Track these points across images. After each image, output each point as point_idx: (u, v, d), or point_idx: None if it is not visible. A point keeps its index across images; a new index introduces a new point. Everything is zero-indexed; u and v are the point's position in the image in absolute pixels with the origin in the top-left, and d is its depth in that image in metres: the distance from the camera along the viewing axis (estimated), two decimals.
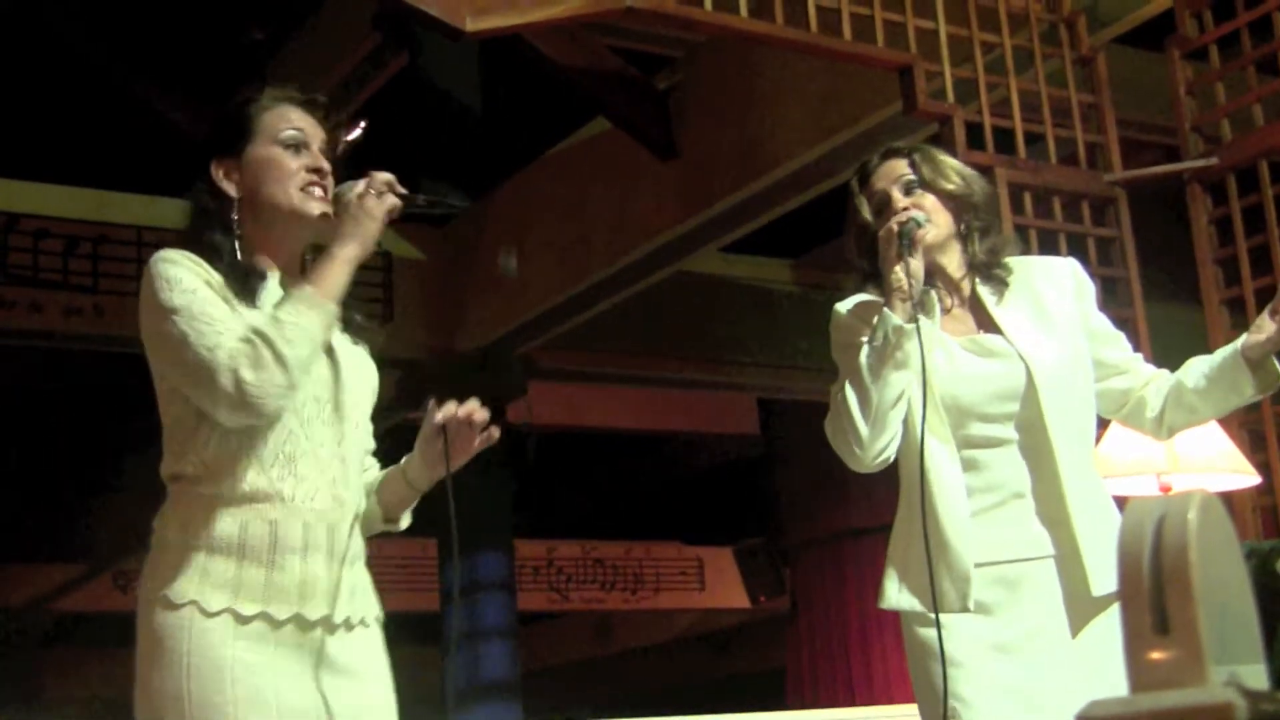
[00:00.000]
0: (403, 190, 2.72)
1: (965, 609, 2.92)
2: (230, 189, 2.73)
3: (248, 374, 2.51)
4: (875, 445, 3.01)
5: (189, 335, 2.55)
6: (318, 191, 2.72)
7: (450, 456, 2.79)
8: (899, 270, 2.97)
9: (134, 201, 9.27)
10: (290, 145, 2.74)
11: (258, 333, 2.53)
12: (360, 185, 2.69)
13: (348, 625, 2.66)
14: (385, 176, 2.69)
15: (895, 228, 2.99)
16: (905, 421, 3.03)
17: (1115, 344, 3.16)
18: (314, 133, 2.77)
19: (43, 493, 13.10)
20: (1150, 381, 3.15)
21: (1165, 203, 5.95)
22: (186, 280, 2.60)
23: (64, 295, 9.05)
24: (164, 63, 8.87)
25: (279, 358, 2.53)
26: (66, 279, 9.04)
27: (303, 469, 2.63)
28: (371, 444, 2.87)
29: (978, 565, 2.95)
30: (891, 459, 3.07)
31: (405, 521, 2.92)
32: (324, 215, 2.71)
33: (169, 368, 2.61)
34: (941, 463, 2.98)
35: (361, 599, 2.71)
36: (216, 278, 2.63)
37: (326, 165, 2.74)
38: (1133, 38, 6.44)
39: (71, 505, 13.07)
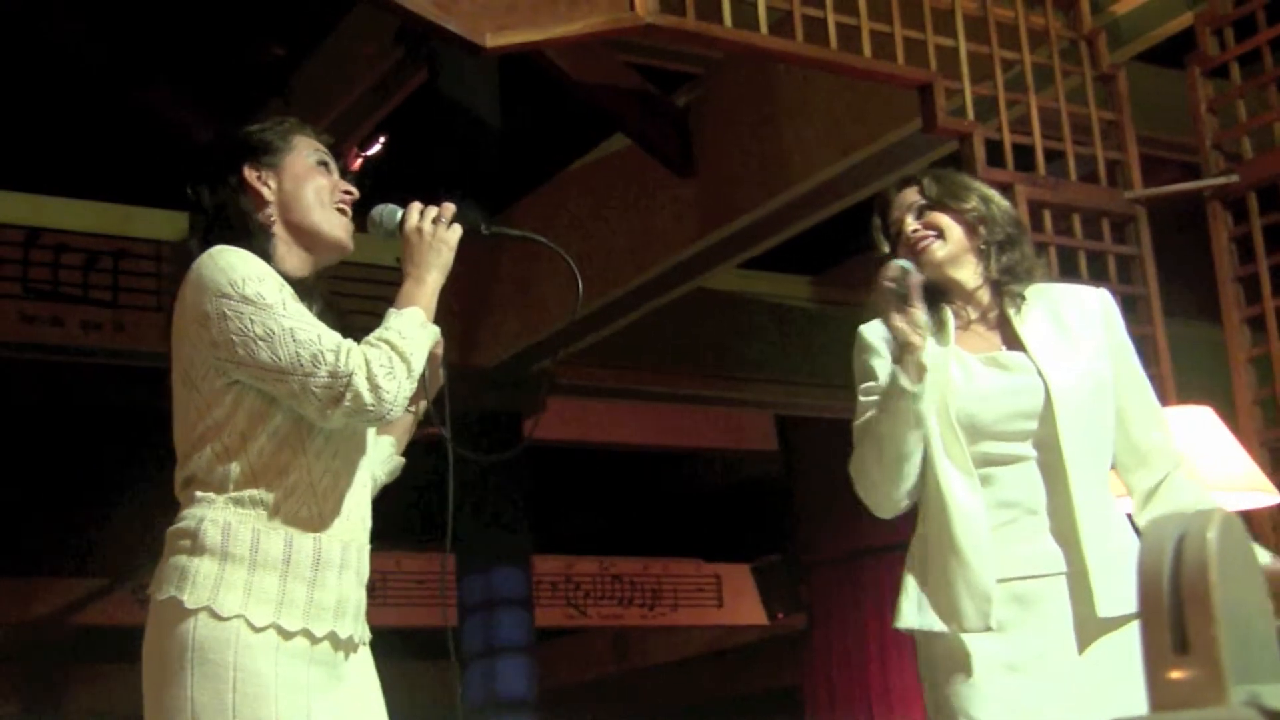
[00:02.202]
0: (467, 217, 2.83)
1: (987, 628, 2.92)
2: (266, 193, 2.76)
3: (385, 381, 2.55)
4: (893, 495, 3.04)
5: (297, 332, 2.55)
6: (348, 214, 2.79)
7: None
8: (901, 324, 2.97)
9: (154, 216, 9.29)
10: (324, 165, 2.80)
11: (387, 342, 2.59)
12: (414, 214, 2.76)
13: (357, 645, 2.69)
14: (450, 207, 2.76)
15: (887, 283, 2.99)
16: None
17: (1138, 394, 3.14)
18: (334, 165, 2.85)
19: (64, 506, 13.13)
20: (1162, 477, 3.11)
21: (1186, 220, 5.95)
22: (271, 278, 2.62)
23: (83, 310, 9.07)
24: (185, 78, 8.90)
25: (410, 370, 2.60)
26: (86, 294, 9.07)
27: (343, 487, 2.66)
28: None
29: None
30: (910, 505, 3.08)
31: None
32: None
33: (250, 362, 2.57)
34: (956, 481, 2.98)
35: (364, 621, 2.75)
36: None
37: (354, 190, 2.81)
38: (1153, 55, 6.43)
39: (91, 519, 13.10)
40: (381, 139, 9.10)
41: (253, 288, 2.57)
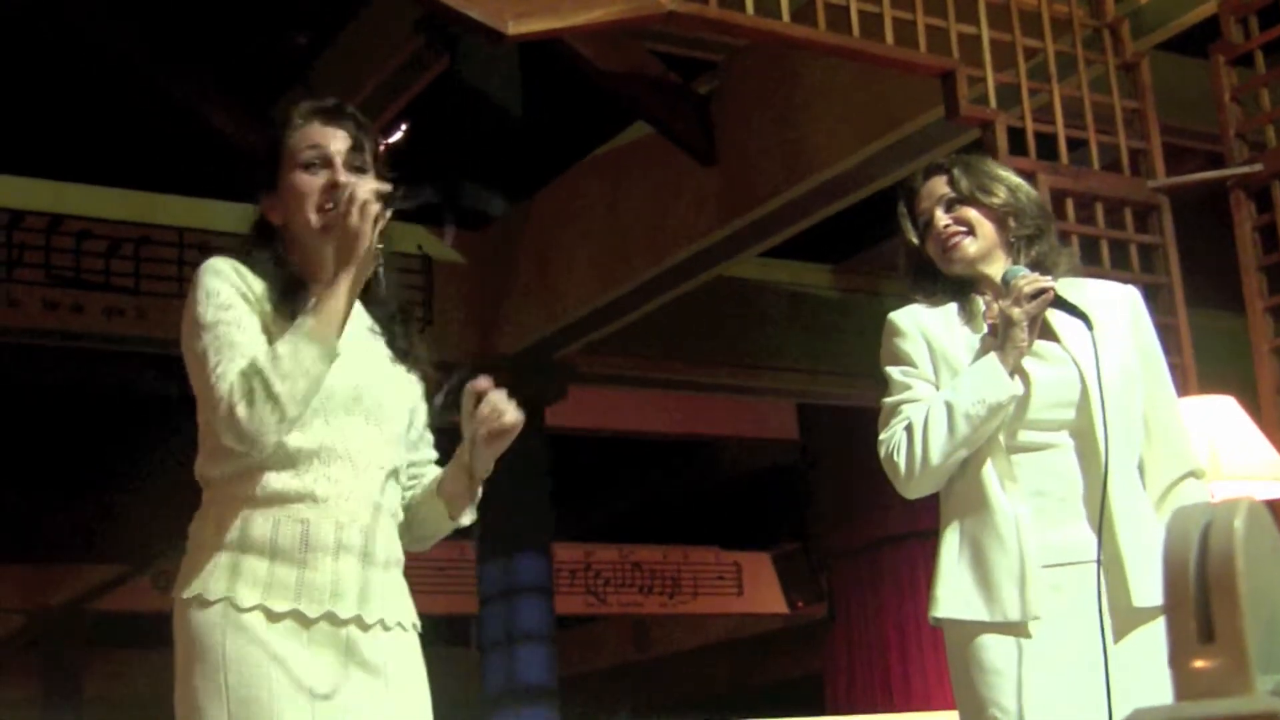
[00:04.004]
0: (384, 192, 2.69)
1: (1034, 616, 2.91)
2: (276, 220, 2.78)
3: (241, 410, 2.55)
4: (941, 480, 3.03)
5: (208, 356, 2.61)
6: (333, 208, 2.72)
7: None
8: (1025, 332, 2.96)
9: (177, 203, 9.30)
10: (309, 165, 2.76)
11: (255, 368, 2.57)
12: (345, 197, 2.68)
13: (383, 626, 2.68)
14: (364, 191, 2.67)
15: (1038, 288, 2.95)
16: None
17: (1162, 393, 3.14)
18: (334, 144, 2.77)
19: (82, 493, 13.18)
20: (1177, 478, 3.11)
21: (1209, 210, 5.93)
22: (224, 294, 2.65)
23: (106, 296, 9.09)
24: (208, 66, 8.91)
25: (271, 395, 2.56)
26: (108, 280, 9.07)
27: (336, 472, 2.66)
28: (426, 455, 2.92)
29: None
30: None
31: (469, 517, 2.91)
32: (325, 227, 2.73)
33: (192, 377, 2.66)
34: (994, 470, 2.97)
35: (395, 603, 2.74)
36: (258, 287, 2.68)
37: (342, 178, 2.74)
38: (1177, 43, 6.41)
39: (111, 506, 13.15)
40: (403, 127, 9.11)
41: (201, 308, 2.64)
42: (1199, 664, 1.31)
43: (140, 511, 12.41)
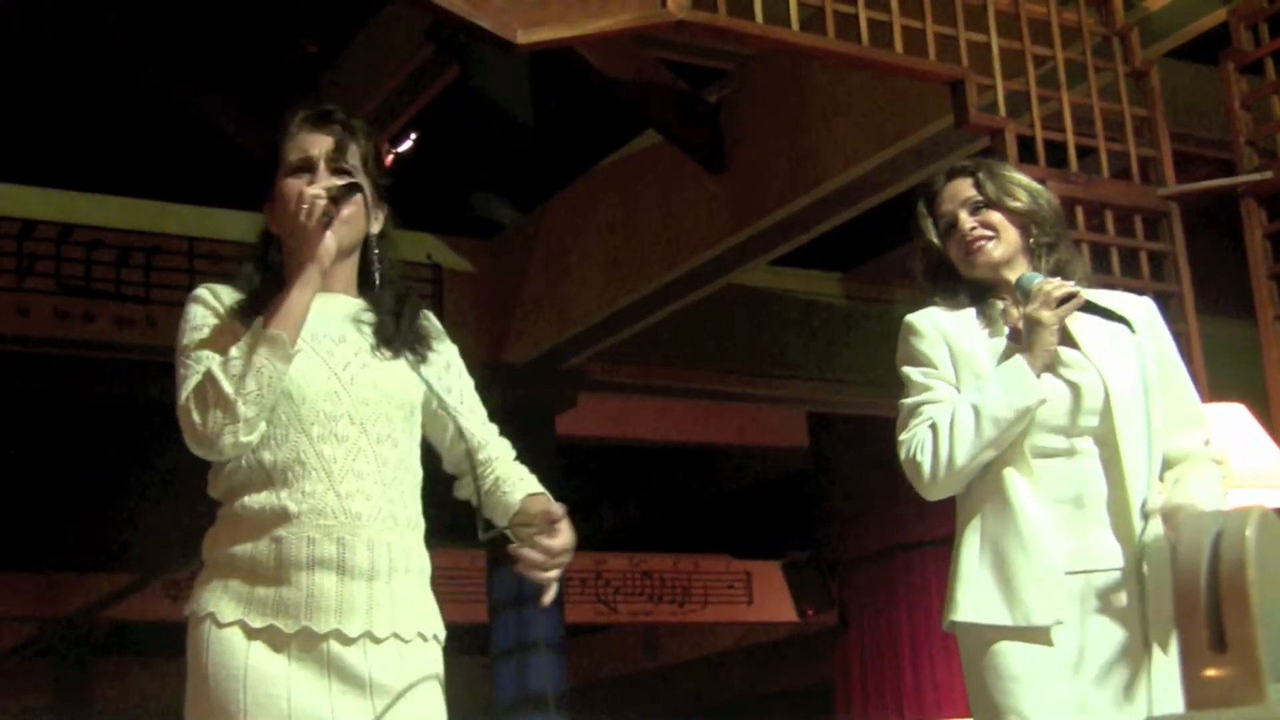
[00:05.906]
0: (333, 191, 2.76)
1: (1058, 621, 2.91)
2: (274, 228, 2.83)
3: (196, 416, 2.64)
4: (961, 483, 3.02)
5: (180, 375, 2.72)
6: (312, 216, 2.73)
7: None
8: (1053, 336, 2.98)
9: (187, 213, 9.31)
10: (296, 171, 2.79)
11: (209, 374, 2.65)
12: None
13: (372, 639, 2.67)
14: (311, 189, 2.72)
15: (1065, 293, 2.97)
16: None
17: (1184, 396, 3.14)
18: (318, 148, 2.81)
19: (95, 502, 13.18)
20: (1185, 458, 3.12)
21: (1219, 217, 5.92)
22: (196, 318, 2.78)
23: (116, 306, 9.09)
24: (218, 75, 8.92)
25: (221, 398, 2.62)
26: (119, 289, 9.08)
27: (310, 486, 2.68)
28: (471, 444, 2.93)
29: None
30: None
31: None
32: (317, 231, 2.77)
33: None
34: (1017, 475, 2.97)
35: (386, 613, 2.71)
36: (231, 300, 2.78)
37: (324, 182, 2.75)
38: (1187, 51, 6.40)
39: (123, 514, 13.16)
40: (412, 136, 9.11)
41: (181, 335, 2.79)
42: (1211, 673, 1.31)
43: (151, 520, 12.44)
